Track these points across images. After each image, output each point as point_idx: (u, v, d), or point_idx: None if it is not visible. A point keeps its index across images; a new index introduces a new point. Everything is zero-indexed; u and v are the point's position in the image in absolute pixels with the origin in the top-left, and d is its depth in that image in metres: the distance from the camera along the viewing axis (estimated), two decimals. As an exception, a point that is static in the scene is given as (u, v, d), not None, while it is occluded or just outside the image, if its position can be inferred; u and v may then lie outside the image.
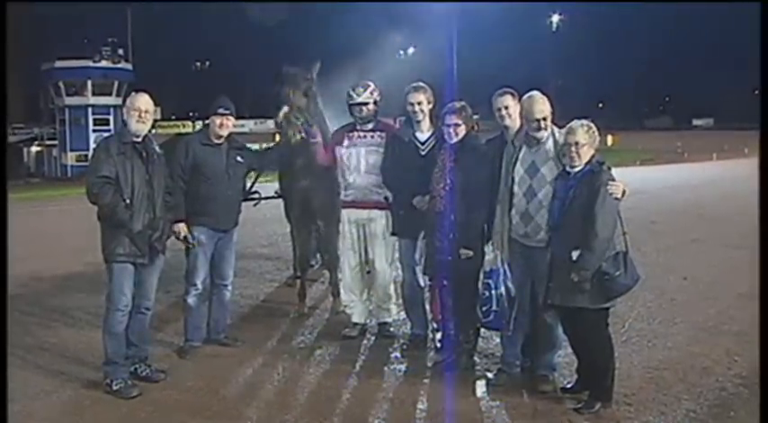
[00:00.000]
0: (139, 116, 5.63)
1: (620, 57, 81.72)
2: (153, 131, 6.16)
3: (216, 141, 6.46)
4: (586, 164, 5.18)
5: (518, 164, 5.51)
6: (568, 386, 5.66)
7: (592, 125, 5.26)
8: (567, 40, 66.43)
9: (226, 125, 6.42)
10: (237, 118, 6.71)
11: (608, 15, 72.60)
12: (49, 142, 48.27)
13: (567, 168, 5.26)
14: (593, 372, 5.38)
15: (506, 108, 5.73)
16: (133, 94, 5.82)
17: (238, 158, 6.54)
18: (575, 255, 5.06)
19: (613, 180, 5.16)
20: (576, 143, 5.15)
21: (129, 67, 48.02)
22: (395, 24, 60.28)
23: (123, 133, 5.72)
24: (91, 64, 46.13)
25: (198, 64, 71.24)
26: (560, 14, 66.75)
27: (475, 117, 4.44)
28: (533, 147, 5.48)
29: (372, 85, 6.81)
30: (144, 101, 5.72)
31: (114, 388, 5.63)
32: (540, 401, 5.50)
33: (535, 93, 5.50)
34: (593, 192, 5.06)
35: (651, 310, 7.77)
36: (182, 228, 6.27)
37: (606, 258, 5.07)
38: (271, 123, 8.21)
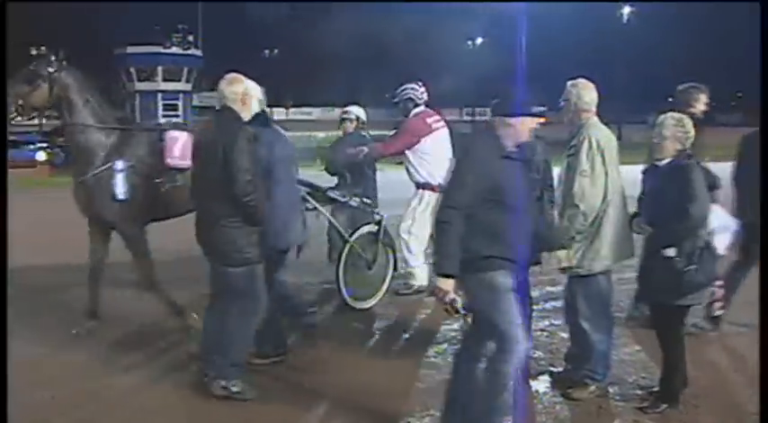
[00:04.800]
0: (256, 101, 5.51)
1: (690, 51, 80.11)
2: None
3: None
4: (674, 158, 5.08)
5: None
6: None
7: (684, 119, 5.16)
8: (637, 33, 65.19)
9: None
10: (303, 106, 6.61)
11: (680, 8, 71.11)
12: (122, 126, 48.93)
13: (655, 161, 5.19)
14: (663, 371, 5.29)
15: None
16: (245, 79, 5.38)
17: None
18: (671, 252, 4.95)
19: (708, 172, 5.04)
20: (662, 135, 5.08)
21: (199, 53, 48.71)
22: (464, 15, 60.06)
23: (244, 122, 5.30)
24: (161, 50, 46.85)
25: (267, 51, 71.68)
26: (632, 7, 65.56)
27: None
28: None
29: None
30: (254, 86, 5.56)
31: (233, 390, 5.28)
32: (604, 399, 5.40)
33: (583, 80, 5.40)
34: (685, 185, 4.94)
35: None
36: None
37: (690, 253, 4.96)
38: (337, 111, 8.24)
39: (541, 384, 5.68)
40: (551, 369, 5.95)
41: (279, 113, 43.34)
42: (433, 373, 5.94)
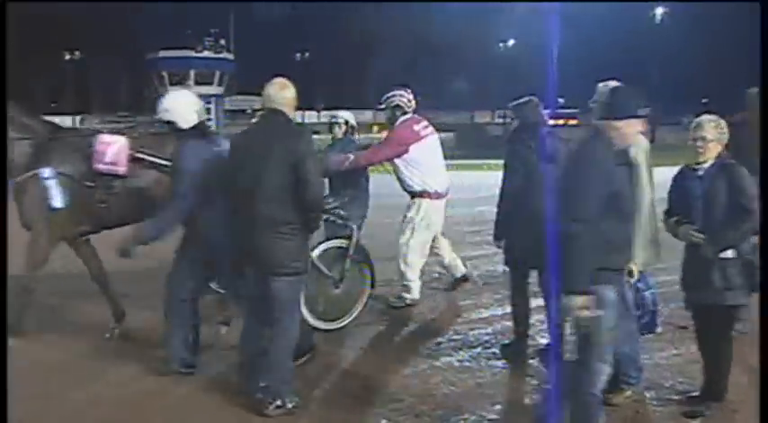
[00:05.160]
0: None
1: (724, 51, 79.16)
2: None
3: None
4: (715, 159, 5.03)
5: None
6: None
7: (720, 121, 5.12)
8: (670, 33, 64.51)
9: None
10: (334, 108, 6.49)
11: (714, 8, 70.35)
12: (152, 131, 49.45)
13: (694, 165, 5.12)
14: (707, 375, 5.25)
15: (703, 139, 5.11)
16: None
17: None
18: (730, 253, 4.94)
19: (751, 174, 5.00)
20: (704, 138, 5.02)
21: (231, 57, 49.05)
22: (495, 16, 59.84)
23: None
24: (193, 54, 47.59)
25: (299, 54, 71.89)
26: (665, 7, 64.99)
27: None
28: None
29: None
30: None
31: (290, 407, 5.15)
32: (641, 404, 5.34)
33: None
34: (733, 186, 4.92)
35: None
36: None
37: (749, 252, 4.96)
38: (368, 114, 8.17)
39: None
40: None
41: (310, 116, 43.50)
42: (466, 377, 5.93)
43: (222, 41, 49.17)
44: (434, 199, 7.68)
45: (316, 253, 6.74)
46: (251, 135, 5.33)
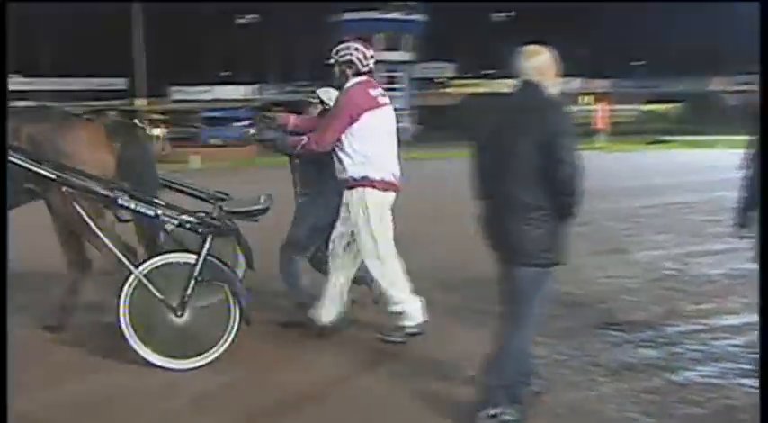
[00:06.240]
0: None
1: None
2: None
3: None
4: None
5: None
6: None
7: None
8: None
9: None
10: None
11: None
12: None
13: None
14: None
15: None
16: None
17: None
18: None
19: None
20: None
21: (422, 18, 49.15)
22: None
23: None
24: (379, 15, 47.59)
25: (494, 14, 71.50)
26: None
27: None
28: None
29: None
30: None
31: (507, 417, 5.08)
32: None
33: None
34: None
35: None
36: None
37: None
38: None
39: None
40: None
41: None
42: (713, 397, 5.69)
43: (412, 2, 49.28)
44: (381, 189, 6.71)
45: (143, 268, 6.32)
46: (499, 110, 5.32)
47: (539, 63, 5.08)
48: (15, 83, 63.52)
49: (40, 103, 56.88)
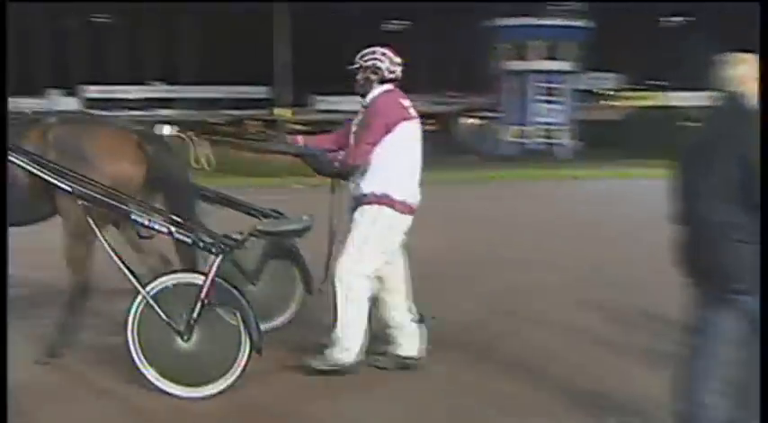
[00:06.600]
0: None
1: None
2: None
3: None
4: None
5: None
6: None
7: None
8: None
9: None
10: None
11: None
12: (486, 114, 49.68)
13: None
14: None
15: None
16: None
17: None
18: None
19: None
20: None
21: (585, 25, 47.53)
22: None
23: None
24: (537, 22, 46.63)
25: (662, 19, 68.79)
26: None
27: None
28: None
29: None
30: None
31: None
32: None
33: None
34: None
35: None
36: None
37: None
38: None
39: None
40: None
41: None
42: None
43: (575, 5, 47.81)
44: (399, 211, 6.50)
45: (151, 289, 6.20)
46: (706, 124, 5.26)
47: (743, 72, 5.02)
48: (158, 91, 65.45)
49: (182, 111, 58.60)
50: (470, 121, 53.50)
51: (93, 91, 61.53)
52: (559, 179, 28.14)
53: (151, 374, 6.14)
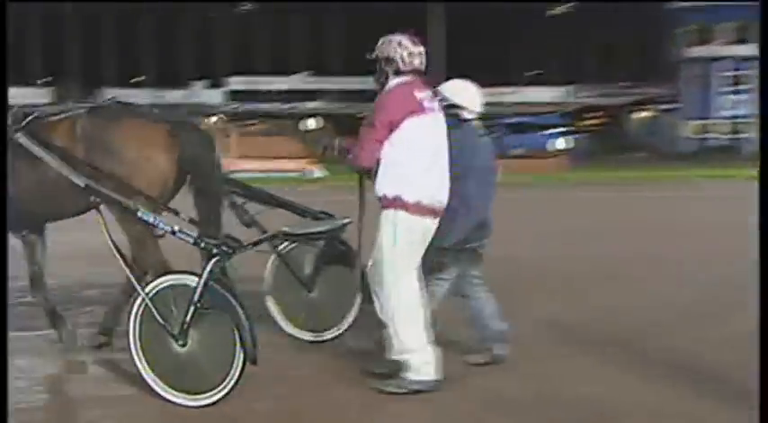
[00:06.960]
0: None
1: None
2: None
3: None
4: None
5: None
6: None
7: None
8: None
9: None
10: None
11: None
12: (662, 106, 48.69)
13: None
14: None
15: None
16: None
17: None
18: None
19: None
20: None
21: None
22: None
23: None
24: (722, 2, 45.48)
25: None
26: None
27: None
28: None
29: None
30: None
31: None
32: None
33: None
34: None
35: None
36: None
37: None
38: None
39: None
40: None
41: None
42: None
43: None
44: (414, 214, 6.44)
45: (150, 290, 6.44)
46: None
47: None
48: (305, 82, 65.72)
49: (328, 102, 58.33)
50: (643, 114, 51.92)
51: (237, 82, 62.35)
52: (747, 180, 26.12)
53: (152, 379, 6.29)
